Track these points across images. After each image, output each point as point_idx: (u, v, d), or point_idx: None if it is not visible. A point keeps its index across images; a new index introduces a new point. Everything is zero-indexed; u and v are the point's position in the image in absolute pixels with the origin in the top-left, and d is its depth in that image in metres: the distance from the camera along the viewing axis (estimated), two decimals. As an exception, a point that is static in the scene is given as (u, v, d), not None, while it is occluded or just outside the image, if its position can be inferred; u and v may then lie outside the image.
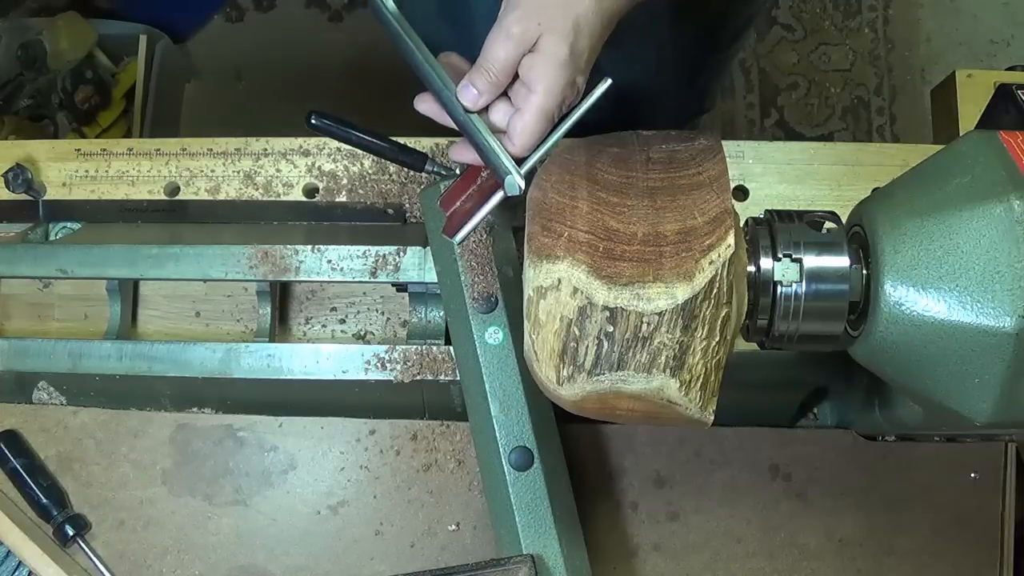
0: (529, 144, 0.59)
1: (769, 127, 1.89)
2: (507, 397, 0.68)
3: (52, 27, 1.51)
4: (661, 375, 0.52)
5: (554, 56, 0.57)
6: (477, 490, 0.77)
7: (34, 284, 0.87)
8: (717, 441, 0.78)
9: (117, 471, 0.79)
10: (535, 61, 0.58)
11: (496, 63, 0.58)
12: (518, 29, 0.57)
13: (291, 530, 0.77)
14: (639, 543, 0.77)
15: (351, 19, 1.92)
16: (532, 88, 0.58)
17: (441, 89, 0.61)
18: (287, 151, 0.86)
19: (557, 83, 0.58)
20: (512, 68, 0.59)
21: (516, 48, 0.58)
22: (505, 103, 0.60)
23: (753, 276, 0.57)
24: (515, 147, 0.59)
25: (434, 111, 0.63)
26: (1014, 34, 1.92)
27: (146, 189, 0.86)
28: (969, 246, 0.50)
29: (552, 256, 0.53)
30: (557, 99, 0.58)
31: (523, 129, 0.58)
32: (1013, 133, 0.53)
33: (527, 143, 0.59)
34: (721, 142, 0.60)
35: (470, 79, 0.59)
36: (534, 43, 0.58)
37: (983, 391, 0.51)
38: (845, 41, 1.93)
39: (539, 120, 0.58)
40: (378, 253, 0.77)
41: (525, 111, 0.58)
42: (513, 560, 0.67)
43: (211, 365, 0.77)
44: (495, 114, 0.60)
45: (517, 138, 0.59)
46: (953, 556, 0.76)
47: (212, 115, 1.87)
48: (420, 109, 0.64)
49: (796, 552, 0.77)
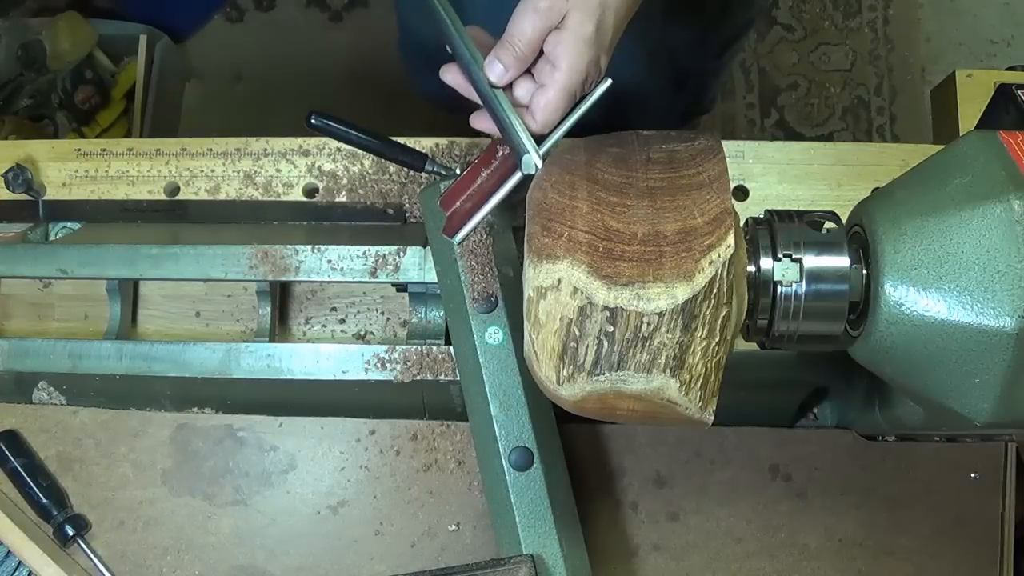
0: (550, 121, 0.60)
1: (769, 127, 1.89)
2: (507, 397, 0.68)
3: (52, 27, 1.51)
4: (661, 375, 0.52)
5: (580, 33, 0.58)
6: (477, 490, 0.77)
7: (34, 284, 0.87)
8: (717, 441, 0.78)
9: (117, 471, 0.79)
10: (561, 38, 0.58)
11: (523, 38, 0.59)
12: (545, 4, 0.58)
13: (291, 530, 0.77)
14: (639, 543, 0.77)
15: (351, 19, 1.92)
16: (556, 65, 0.58)
17: (469, 62, 0.61)
18: (287, 151, 0.86)
19: (582, 60, 0.58)
20: (538, 44, 0.59)
21: (543, 23, 0.58)
22: (528, 79, 0.61)
23: (753, 276, 0.57)
24: (536, 123, 0.60)
25: (459, 82, 0.63)
26: (1014, 34, 1.92)
27: (146, 189, 0.86)
28: (969, 246, 0.50)
29: (552, 256, 0.53)
30: (581, 76, 0.59)
31: (546, 105, 0.59)
32: (1013, 133, 0.53)
33: (549, 119, 0.59)
34: (721, 142, 0.60)
35: (496, 54, 0.60)
36: (561, 20, 0.58)
37: (983, 391, 0.51)
38: (845, 41, 1.93)
39: (562, 97, 0.59)
40: (378, 253, 0.77)
41: (549, 87, 0.59)
42: (513, 560, 0.67)
43: (211, 365, 0.77)
44: (518, 90, 0.61)
45: (539, 114, 0.59)
46: (953, 556, 0.76)
47: (212, 115, 1.87)
48: (446, 79, 0.64)
49: (796, 552, 0.77)
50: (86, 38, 1.56)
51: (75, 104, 1.57)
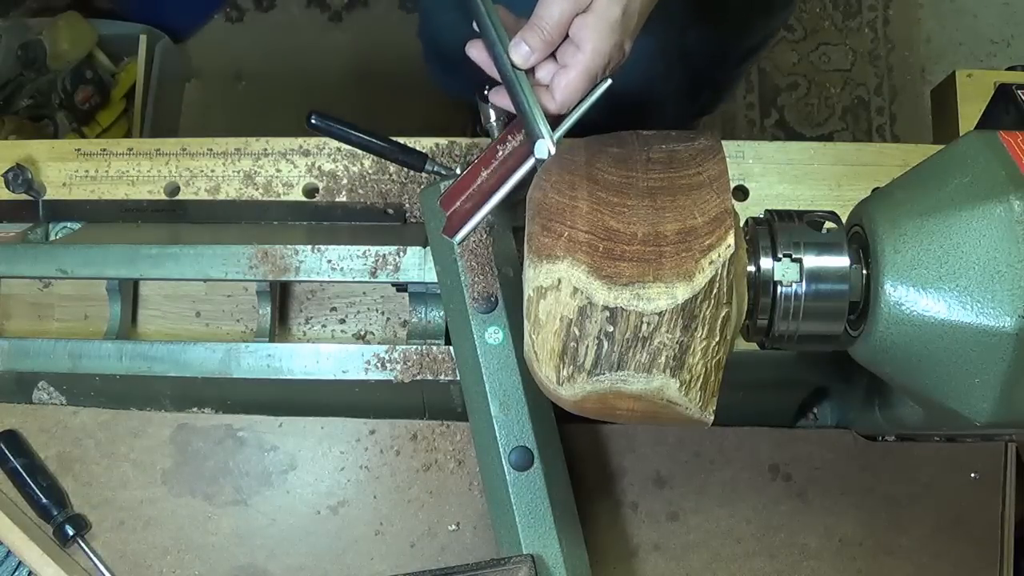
0: (569, 101, 0.60)
1: (769, 127, 1.89)
2: (507, 397, 0.68)
3: (52, 27, 1.51)
4: (661, 375, 0.52)
5: (607, 17, 0.58)
6: (477, 490, 0.77)
7: (34, 284, 0.87)
8: (717, 441, 0.78)
9: (117, 471, 0.79)
10: (587, 21, 0.58)
11: (550, 21, 0.59)
12: None
13: (291, 530, 0.77)
14: (639, 543, 0.77)
15: (351, 19, 1.92)
16: (581, 47, 0.59)
17: (495, 42, 0.62)
18: (287, 151, 0.86)
19: (606, 44, 0.58)
20: (565, 27, 0.59)
21: (571, 7, 0.58)
22: (551, 61, 0.61)
23: (753, 276, 0.57)
24: (555, 102, 0.60)
25: (483, 59, 0.64)
26: (1014, 34, 1.92)
27: (146, 189, 0.86)
28: (969, 246, 0.50)
29: (552, 256, 0.53)
30: (604, 60, 0.59)
31: (566, 85, 0.59)
32: (1013, 133, 0.53)
33: (567, 100, 0.60)
34: (721, 142, 0.60)
35: (523, 36, 0.60)
36: (588, 3, 0.58)
37: (983, 391, 0.51)
38: (845, 41, 1.93)
39: (583, 79, 0.59)
40: (378, 253, 0.77)
41: (571, 68, 0.59)
42: (513, 560, 0.67)
43: (211, 365, 0.77)
44: (540, 71, 0.61)
45: (559, 93, 0.60)
46: (953, 556, 0.76)
47: (212, 115, 1.87)
48: (471, 55, 0.65)
49: (796, 552, 0.77)
50: (86, 38, 1.56)
51: (75, 104, 1.57)
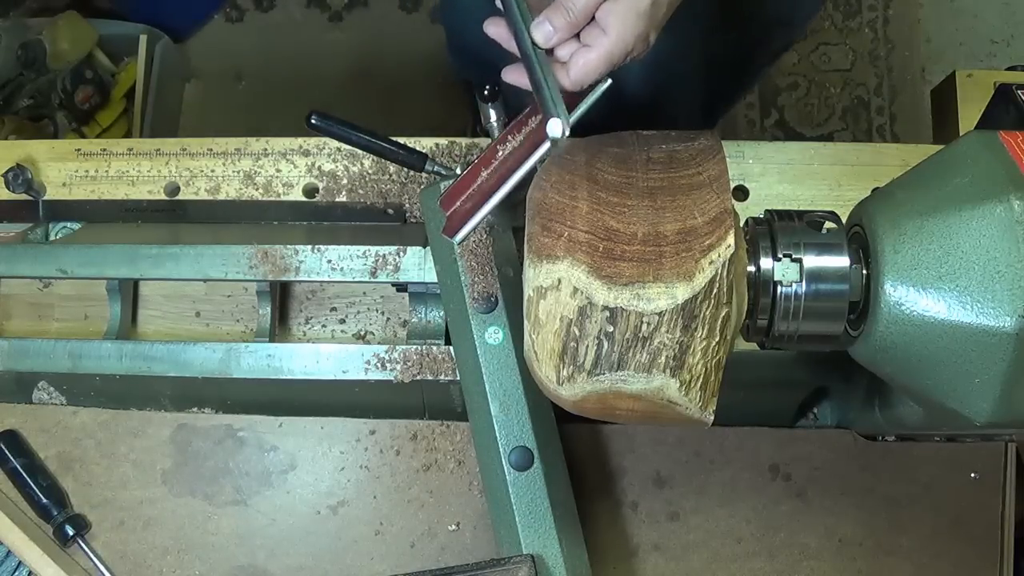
0: (585, 80, 0.59)
1: (769, 127, 1.89)
2: (507, 397, 0.68)
3: (52, 27, 1.51)
4: (661, 375, 0.52)
5: (636, 5, 0.58)
6: (477, 490, 0.77)
7: (34, 284, 0.87)
8: (717, 441, 0.78)
9: (117, 471, 0.79)
10: (615, 7, 0.58)
11: (578, 4, 0.59)
12: None
13: (291, 530, 0.77)
14: (639, 543, 0.77)
15: (351, 19, 1.92)
16: (606, 31, 0.58)
17: (517, 18, 0.61)
18: (287, 151, 0.86)
19: (631, 31, 0.58)
20: (592, 12, 0.59)
21: None
22: (572, 40, 0.61)
23: (753, 276, 0.57)
24: (570, 79, 0.59)
25: (503, 36, 0.63)
26: (1014, 34, 1.91)
27: (146, 189, 0.86)
28: (969, 246, 0.50)
29: (552, 256, 0.53)
30: (627, 46, 0.59)
31: (585, 64, 0.59)
32: (1013, 133, 0.53)
33: (583, 78, 0.59)
34: (721, 142, 0.60)
35: (548, 16, 0.59)
36: None
37: (983, 391, 0.51)
38: (845, 41, 1.93)
39: (603, 61, 0.59)
40: (378, 253, 0.77)
41: (593, 48, 0.59)
42: (513, 560, 0.67)
43: (211, 365, 0.77)
44: (560, 49, 0.61)
45: (576, 71, 0.59)
46: (953, 556, 0.76)
47: (212, 115, 1.87)
48: (489, 32, 0.64)
49: (796, 552, 0.77)
50: (86, 38, 1.56)
51: (75, 104, 1.57)
